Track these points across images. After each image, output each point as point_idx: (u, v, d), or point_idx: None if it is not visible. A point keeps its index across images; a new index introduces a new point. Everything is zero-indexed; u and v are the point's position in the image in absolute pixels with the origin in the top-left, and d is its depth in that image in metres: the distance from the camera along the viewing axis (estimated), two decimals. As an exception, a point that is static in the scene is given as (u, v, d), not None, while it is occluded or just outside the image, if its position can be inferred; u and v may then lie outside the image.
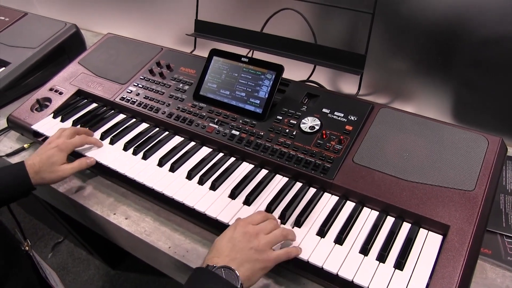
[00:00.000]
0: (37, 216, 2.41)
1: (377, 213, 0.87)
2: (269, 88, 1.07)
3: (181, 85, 1.22)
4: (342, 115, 1.02)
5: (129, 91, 1.25)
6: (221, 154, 1.06)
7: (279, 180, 0.97)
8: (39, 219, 2.42)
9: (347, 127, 0.99)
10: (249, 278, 0.72)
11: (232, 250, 0.74)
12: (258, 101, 1.07)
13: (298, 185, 0.95)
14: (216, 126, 1.08)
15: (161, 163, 1.03)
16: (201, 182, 0.97)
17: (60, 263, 2.24)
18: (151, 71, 1.28)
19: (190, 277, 0.72)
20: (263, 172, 1.00)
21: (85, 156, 1.08)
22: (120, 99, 1.24)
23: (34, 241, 2.36)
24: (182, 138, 1.12)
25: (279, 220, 0.86)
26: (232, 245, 0.75)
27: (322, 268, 0.78)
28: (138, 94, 1.23)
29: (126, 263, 2.18)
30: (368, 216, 0.87)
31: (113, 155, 1.08)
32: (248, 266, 0.72)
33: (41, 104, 1.30)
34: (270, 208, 0.89)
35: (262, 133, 1.03)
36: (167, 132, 1.14)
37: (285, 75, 1.08)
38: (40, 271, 1.01)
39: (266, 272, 0.76)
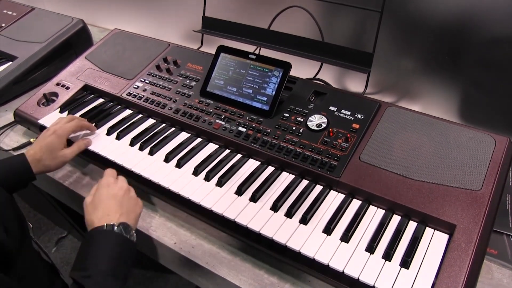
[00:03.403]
0: (42, 211, 2.42)
1: (383, 211, 0.87)
2: (276, 85, 1.07)
3: (188, 81, 1.22)
4: (349, 113, 1.02)
5: (136, 87, 1.25)
6: (227, 151, 1.06)
7: (286, 177, 0.97)
8: (44, 214, 2.43)
9: (354, 125, 0.99)
10: (135, 223, 0.86)
11: (119, 206, 0.84)
12: (265, 98, 1.07)
13: (305, 182, 0.95)
14: (223, 123, 1.08)
15: (167, 159, 1.03)
16: (207, 178, 0.97)
17: (64, 258, 2.24)
18: (158, 67, 1.28)
19: (88, 239, 0.79)
20: (270, 169, 1.00)
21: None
22: (126, 95, 1.24)
23: (38, 236, 2.37)
24: (189, 134, 1.12)
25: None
26: (116, 201, 0.85)
27: (328, 265, 0.78)
28: (145, 90, 1.24)
29: (129, 259, 2.18)
30: (374, 214, 0.87)
31: (120, 151, 1.08)
32: (133, 215, 0.86)
33: (48, 99, 1.30)
34: (276, 205, 0.89)
35: (269, 130, 1.03)
36: (173, 128, 1.14)
37: (292, 72, 1.08)
38: (42, 254, 1.03)
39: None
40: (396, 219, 0.85)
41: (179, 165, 1.02)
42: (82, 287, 0.72)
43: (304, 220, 0.85)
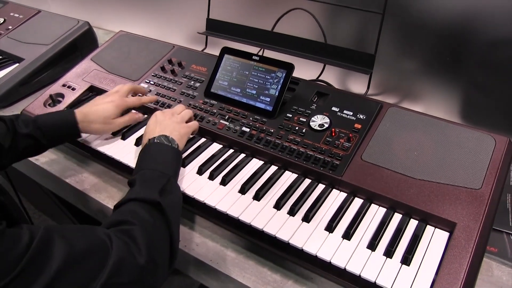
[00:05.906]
0: (46, 212, 2.43)
1: (385, 209, 0.88)
2: (280, 86, 1.08)
3: (192, 82, 1.23)
4: (351, 113, 1.03)
5: (141, 88, 1.27)
6: (231, 151, 1.07)
7: (288, 177, 0.99)
8: (48, 215, 2.44)
9: (356, 125, 1.00)
10: (179, 140, 0.97)
11: (161, 127, 0.99)
12: (268, 99, 1.09)
13: (307, 181, 0.97)
14: (227, 123, 1.10)
15: (172, 158, 1.05)
16: (211, 177, 0.99)
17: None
18: (162, 68, 1.30)
19: (139, 154, 0.92)
20: (273, 168, 1.01)
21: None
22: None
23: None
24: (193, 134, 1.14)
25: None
26: (159, 124, 1.00)
27: (330, 262, 0.79)
28: (150, 91, 1.25)
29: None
30: (376, 212, 0.88)
31: (125, 151, 1.09)
32: (175, 133, 0.98)
33: (54, 100, 1.32)
34: (279, 203, 0.90)
35: (272, 130, 1.05)
36: (178, 128, 1.16)
37: (295, 74, 1.09)
38: None
39: (187, 137, 1.03)
40: (397, 217, 0.87)
41: (183, 164, 1.03)
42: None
43: (307, 218, 0.87)
